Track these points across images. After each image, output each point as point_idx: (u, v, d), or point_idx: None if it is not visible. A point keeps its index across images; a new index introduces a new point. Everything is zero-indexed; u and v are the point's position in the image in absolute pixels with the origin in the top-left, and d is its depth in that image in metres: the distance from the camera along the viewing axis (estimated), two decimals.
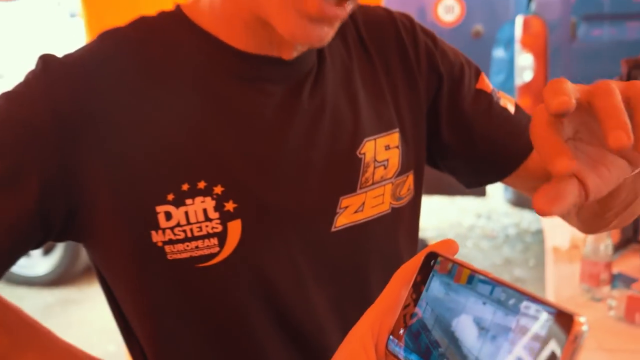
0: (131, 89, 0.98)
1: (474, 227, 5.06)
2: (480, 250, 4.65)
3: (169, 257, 0.97)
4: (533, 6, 3.99)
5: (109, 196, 0.97)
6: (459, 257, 0.84)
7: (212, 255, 0.99)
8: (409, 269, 0.72)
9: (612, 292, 2.02)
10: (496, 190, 5.06)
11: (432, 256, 0.69)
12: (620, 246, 2.34)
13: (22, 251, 0.98)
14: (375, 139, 1.08)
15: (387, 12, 1.17)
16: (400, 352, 0.68)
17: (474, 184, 1.26)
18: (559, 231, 2.52)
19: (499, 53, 4.21)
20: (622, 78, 2.24)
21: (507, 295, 0.60)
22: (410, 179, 1.13)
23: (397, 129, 1.10)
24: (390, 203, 1.10)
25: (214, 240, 0.98)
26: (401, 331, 0.69)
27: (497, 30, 4.20)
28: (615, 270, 2.15)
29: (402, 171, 1.10)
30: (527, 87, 3.96)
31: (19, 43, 4.46)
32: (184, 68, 1.01)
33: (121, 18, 2.50)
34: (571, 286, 2.15)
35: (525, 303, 0.58)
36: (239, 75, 1.01)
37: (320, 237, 1.05)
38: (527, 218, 5.02)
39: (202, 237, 0.97)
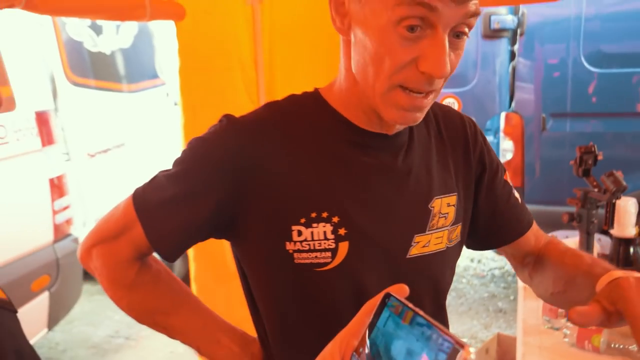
0: (280, 146, 1.05)
1: (468, 267, 5.03)
2: (472, 286, 4.64)
3: (295, 261, 1.04)
4: (513, 105, 4.02)
5: (260, 215, 1.05)
6: (457, 291, 0.87)
7: (326, 264, 1.05)
8: (372, 304, 0.74)
9: (567, 323, 1.90)
10: None
11: (387, 296, 0.72)
12: None
13: (195, 242, 1.13)
14: (441, 198, 1.13)
15: (460, 116, 1.22)
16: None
17: (477, 248, 1.31)
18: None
19: (489, 138, 4.23)
20: (576, 160, 2.19)
21: (432, 332, 0.64)
22: (459, 228, 1.17)
23: (456, 193, 1.15)
24: (446, 244, 1.15)
25: (329, 254, 1.05)
26: (361, 350, 0.72)
27: (486, 121, 4.26)
28: None
29: (456, 222, 1.15)
30: (508, 163, 3.96)
31: (138, 123, 4.55)
32: (319, 135, 1.07)
33: (211, 107, 2.60)
34: (536, 317, 2.03)
35: (441, 339, 0.63)
36: (356, 143, 1.06)
37: (398, 261, 1.10)
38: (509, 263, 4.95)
39: (321, 250, 1.04)
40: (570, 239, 2.29)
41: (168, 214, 1.05)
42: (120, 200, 1.11)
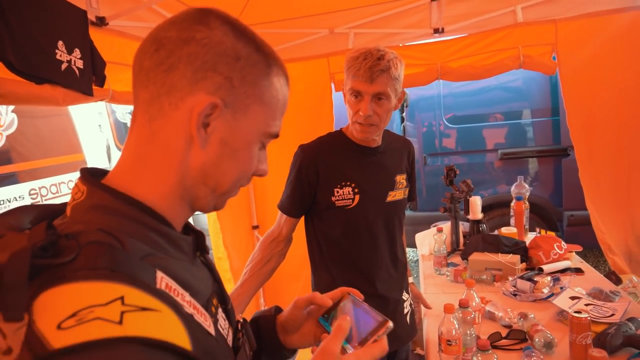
0: (330, 153, 1.40)
1: None
2: None
3: (336, 204, 1.36)
4: None
5: (320, 184, 1.37)
6: None
7: (349, 205, 1.38)
8: (345, 289, 0.75)
9: (447, 270, 2.17)
10: None
11: (347, 292, 0.75)
12: (452, 251, 2.43)
13: (304, 212, 1.44)
14: (399, 175, 1.47)
15: (407, 140, 1.56)
16: (323, 324, 0.72)
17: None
18: (423, 249, 2.57)
19: None
20: (444, 175, 2.51)
21: (372, 311, 0.67)
22: (407, 190, 1.51)
23: (405, 173, 1.49)
24: (403, 196, 1.48)
25: (350, 200, 1.37)
26: (325, 315, 0.73)
27: None
28: (449, 261, 2.29)
29: (406, 187, 1.49)
30: None
31: None
32: (343, 148, 1.40)
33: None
34: (430, 269, 2.27)
35: (374, 316, 0.65)
36: (359, 151, 1.41)
37: (381, 203, 1.41)
38: (412, 253, 5.05)
39: (347, 199, 1.36)
40: (447, 223, 2.56)
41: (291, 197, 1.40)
42: None
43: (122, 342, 0.40)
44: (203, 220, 4.15)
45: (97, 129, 3.42)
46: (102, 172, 0.59)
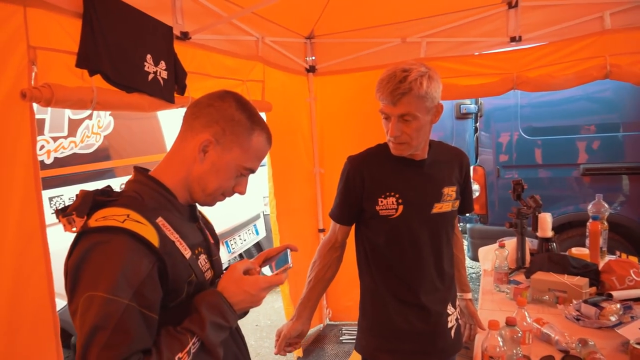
0: (375, 164, 1.42)
1: None
2: None
3: (380, 214, 1.39)
4: (478, 161, 3.98)
5: (365, 194, 1.40)
6: None
7: (393, 215, 1.40)
8: (287, 244, 1.08)
9: (508, 287, 2.08)
10: None
11: (287, 247, 1.07)
12: (515, 269, 2.32)
13: (353, 220, 1.49)
14: (448, 187, 1.45)
15: (461, 152, 1.54)
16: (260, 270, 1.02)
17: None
18: (486, 264, 2.46)
19: None
20: (512, 189, 2.43)
21: (289, 259, 1.02)
22: (457, 202, 1.49)
23: (455, 186, 1.47)
24: (451, 208, 1.46)
25: (394, 211, 1.39)
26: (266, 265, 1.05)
27: None
28: (512, 278, 2.19)
29: (456, 199, 1.47)
30: (476, 199, 3.90)
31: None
32: (390, 159, 1.42)
33: (286, 160, 3.00)
34: (490, 285, 2.20)
35: (287, 260, 1.01)
36: (402, 163, 1.42)
37: (426, 215, 1.41)
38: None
39: (391, 209, 1.39)
40: (513, 239, 2.44)
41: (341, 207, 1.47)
42: None
43: (120, 230, 0.80)
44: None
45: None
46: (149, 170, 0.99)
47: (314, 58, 3.30)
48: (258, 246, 4.53)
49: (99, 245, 0.78)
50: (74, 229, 0.82)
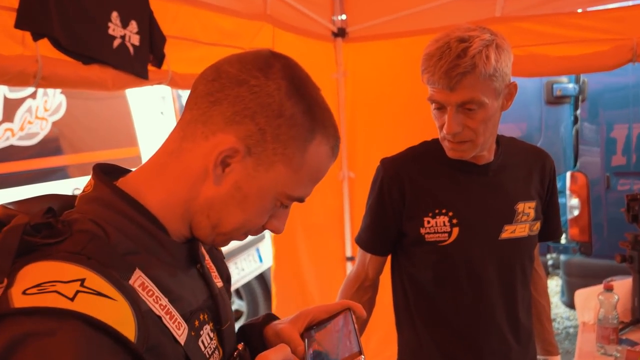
0: (420, 170, 1.45)
1: None
2: None
3: (426, 239, 1.40)
4: (578, 165, 3.99)
5: (406, 212, 1.43)
6: None
7: (444, 241, 1.40)
8: (341, 303, 0.91)
9: (618, 348, 2.05)
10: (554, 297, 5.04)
11: (348, 308, 0.89)
12: (631, 323, 2.29)
13: (389, 248, 1.52)
14: (524, 203, 1.46)
15: (545, 153, 1.55)
16: (305, 344, 0.85)
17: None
18: (585, 314, 2.48)
19: None
20: (626, 210, 2.37)
21: (357, 336, 0.80)
22: (538, 224, 1.49)
23: (535, 200, 1.47)
24: (528, 232, 1.46)
25: (446, 235, 1.40)
26: (314, 327, 0.88)
27: None
28: (624, 337, 2.17)
29: (536, 219, 1.47)
30: (575, 220, 3.92)
31: None
32: (440, 162, 1.43)
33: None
34: (590, 344, 2.18)
35: (354, 342, 0.78)
36: (457, 169, 1.43)
37: (492, 241, 1.43)
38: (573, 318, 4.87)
39: (441, 233, 1.40)
40: (626, 279, 2.43)
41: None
42: None
43: (68, 315, 0.60)
44: None
45: (158, 117, 3.72)
46: (122, 170, 0.83)
47: (344, 17, 3.28)
48: (262, 279, 4.54)
49: (31, 342, 0.59)
50: None
